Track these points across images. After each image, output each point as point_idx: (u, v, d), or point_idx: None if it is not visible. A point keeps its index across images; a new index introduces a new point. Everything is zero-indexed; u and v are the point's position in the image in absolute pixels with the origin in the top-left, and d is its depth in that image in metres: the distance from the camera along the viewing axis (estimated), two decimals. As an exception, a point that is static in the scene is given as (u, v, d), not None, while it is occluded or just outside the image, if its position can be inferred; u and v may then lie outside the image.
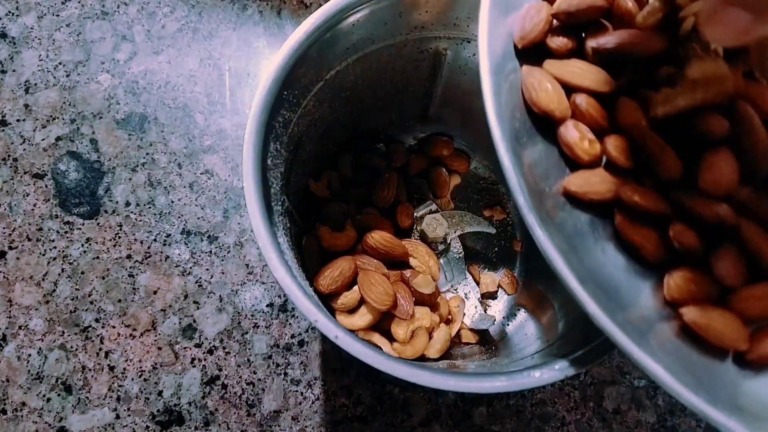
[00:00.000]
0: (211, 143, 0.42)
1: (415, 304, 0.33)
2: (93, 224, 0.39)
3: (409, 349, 0.33)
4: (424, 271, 0.35)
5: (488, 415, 0.37)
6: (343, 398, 0.37)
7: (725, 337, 0.20)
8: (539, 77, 0.22)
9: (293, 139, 0.32)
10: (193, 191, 0.40)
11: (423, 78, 0.36)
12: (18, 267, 0.38)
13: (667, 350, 0.19)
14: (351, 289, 0.32)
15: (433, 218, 0.37)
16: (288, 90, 0.29)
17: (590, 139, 0.22)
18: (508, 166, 0.20)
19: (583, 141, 0.22)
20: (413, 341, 0.33)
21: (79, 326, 0.37)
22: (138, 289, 0.38)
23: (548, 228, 0.20)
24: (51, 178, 0.40)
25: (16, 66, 0.43)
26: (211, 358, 0.37)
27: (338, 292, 0.32)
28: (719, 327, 0.20)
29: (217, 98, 0.43)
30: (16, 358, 0.37)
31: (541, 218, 0.20)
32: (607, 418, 0.37)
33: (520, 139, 0.22)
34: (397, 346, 0.32)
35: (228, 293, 0.38)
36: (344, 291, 0.32)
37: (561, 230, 0.21)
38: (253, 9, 0.45)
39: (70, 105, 0.42)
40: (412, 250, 0.36)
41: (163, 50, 0.44)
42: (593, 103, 0.22)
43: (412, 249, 0.36)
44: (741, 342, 0.20)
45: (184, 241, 0.39)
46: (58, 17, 0.44)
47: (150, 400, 0.36)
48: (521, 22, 0.23)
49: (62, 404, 0.36)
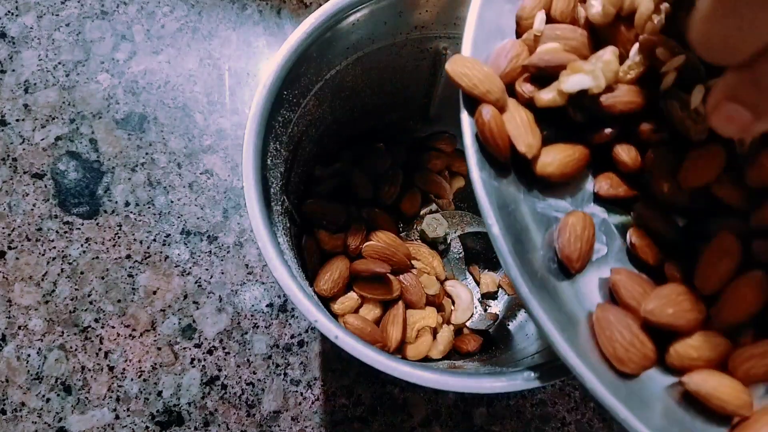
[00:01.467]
0: (211, 143, 0.42)
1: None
2: (92, 224, 0.39)
3: (412, 350, 0.33)
4: (428, 272, 0.35)
5: (488, 416, 0.37)
6: (343, 398, 0.37)
7: (728, 404, 0.19)
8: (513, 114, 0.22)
9: (293, 138, 0.31)
10: (193, 191, 0.40)
11: (423, 78, 0.36)
12: (17, 267, 0.38)
13: (670, 418, 0.19)
14: (348, 293, 0.32)
15: (433, 218, 0.37)
16: (288, 90, 0.29)
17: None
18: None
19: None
20: (418, 341, 0.33)
21: (79, 326, 0.37)
22: (137, 289, 0.38)
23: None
24: (50, 178, 0.40)
25: (16, 66, 0.43)
26: (211, 358, 0.37)
27: (339, 294, 0.32)
28: (723, 396, 0.19)
29: (217, 98, 0.43)
30: (15, 358, 0.37)
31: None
32: (607, 419, 0.37)
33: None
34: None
35: (227, 293, 0.38)
36: (344, 292, 0.32)
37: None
38: (252, 8, 0.45)
39: (70, 105, 0.42)
40: (415, 252, 0.35)
41: (163, 50, 0.44)
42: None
43: (414, 251, 0.35)
44: (744, 409, 0.19)
45: (184, 241, 0.39)
46: (57, 17, 0.44)
47: (149, 401, 0.36)
48: (497, 57, 0.23)
49: (62, 404, 0.36)
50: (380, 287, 0.32)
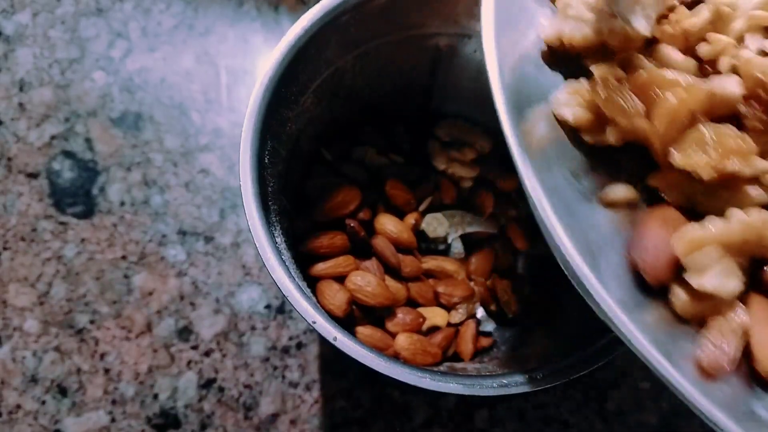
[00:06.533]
0: (208, 142, 0.41)
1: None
2: (88, 224, 0.39)
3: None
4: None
5: (490, 418, 0.37)
6: (342, 401, 0.36)
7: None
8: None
9: (291, 137, 0.31)
10: (189, 191, 0.40)
11: (423, 75, 0.35)
12: (12, 268, 0.38)
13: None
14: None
15: (433, 217, 0.37)
16: (286, 87, 0.28)
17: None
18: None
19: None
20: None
21: (74, 328, 0.37)
22: (133, 290, 0.38)
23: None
24: (45, 177, 0.40)
25: (11, 64, 0.42)
26: (208, 360, 0.37)
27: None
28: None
29: (214, 96, 0.42)
30: (10, 360, 0.36)
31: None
32: (609, 420, 0.37)
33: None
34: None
35: (224, 294, 0.38)
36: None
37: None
38: (250, 5, 0.45)
39: (65, 103, 0.42)
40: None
41: (159, 47, 0.43)
42: None
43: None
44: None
45: (180, 242, 0.39)
46: (52, 14, 0.44)
47: (145, 403, 0.36)
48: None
49: (57, 407, 0.36)
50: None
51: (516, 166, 0.19)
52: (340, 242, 0.32)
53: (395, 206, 0.35)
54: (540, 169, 0.18)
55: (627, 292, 0.18)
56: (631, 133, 0.19)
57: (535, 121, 0.20)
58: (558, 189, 0.19)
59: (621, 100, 0.19)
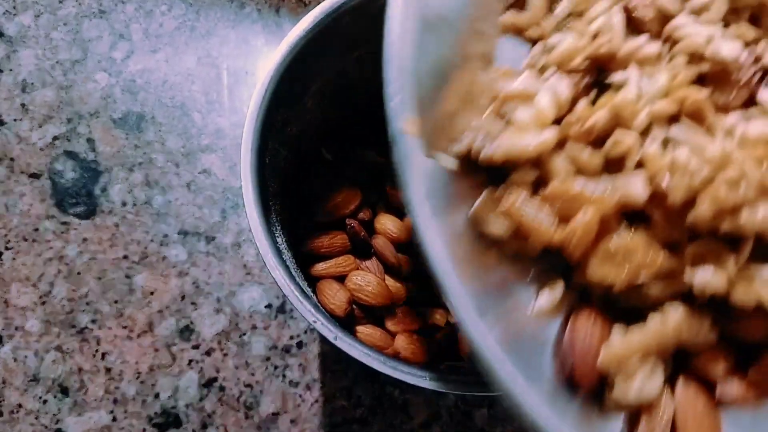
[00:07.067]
0: (209, 142, 0.41)
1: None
2: (89, 224, 0.39)
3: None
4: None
5: (489, 417, 0.37)
6: (342, 400, 0.36)
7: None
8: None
9: (292, 137, 0.31)
10: (191, 191, 0.40)
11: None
12: (14, 268, 0.38)
13: None
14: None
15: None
16: (287, 88, 0.28)
17: None
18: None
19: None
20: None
21: (76, 327, 0.37)
22: (135, 290, 0.38)
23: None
24: (47, 177, 0.40)
25: (13, 65, 0.43)
26: (209, 359, 0.37)
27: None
28: None
29: (215, 97, 0.43)
30: (12, 359, 0.37)
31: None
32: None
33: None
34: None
35: (226, 294, 0.38)
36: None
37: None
38: (251, 7, 0.45)
39: (67, 104, 0.42)
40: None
41: (161, 49, 0.44)
42: None
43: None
44: None
45: (182, 242, 0.39)
46: (55, 16, 0.44)
47: (147, 403, 0.36)
48: None
49: (59, 406, 0.36)
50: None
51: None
52: (341, 242, 0.32)
53: (395, 206, 0.35)
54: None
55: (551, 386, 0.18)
56: (547, 245, 0.19)
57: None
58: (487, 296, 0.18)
59: (532, 212, 0.19)
